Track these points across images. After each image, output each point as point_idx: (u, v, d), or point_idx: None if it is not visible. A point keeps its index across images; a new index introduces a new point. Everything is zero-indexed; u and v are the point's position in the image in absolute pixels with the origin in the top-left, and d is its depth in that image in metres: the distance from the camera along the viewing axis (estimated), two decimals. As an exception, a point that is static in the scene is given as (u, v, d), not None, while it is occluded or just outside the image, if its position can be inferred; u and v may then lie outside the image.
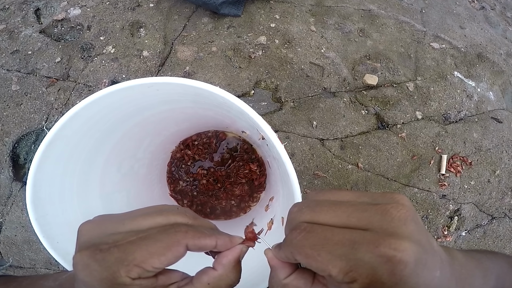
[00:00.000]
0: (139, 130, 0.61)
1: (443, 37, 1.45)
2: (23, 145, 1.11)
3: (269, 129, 0.42)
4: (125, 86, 0.40)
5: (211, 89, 0.41)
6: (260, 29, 1.29)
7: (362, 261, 0.20)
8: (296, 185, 0.40)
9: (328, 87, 1.22)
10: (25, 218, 1.07)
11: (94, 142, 0.52)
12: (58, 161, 0.47)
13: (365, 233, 0.21)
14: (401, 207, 0.21)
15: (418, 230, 0.21)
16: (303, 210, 0.24)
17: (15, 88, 1.14)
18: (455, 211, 1.18)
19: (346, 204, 0.23)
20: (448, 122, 1.27)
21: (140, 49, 1.21)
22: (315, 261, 0.21)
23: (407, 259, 0.19)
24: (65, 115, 0.41)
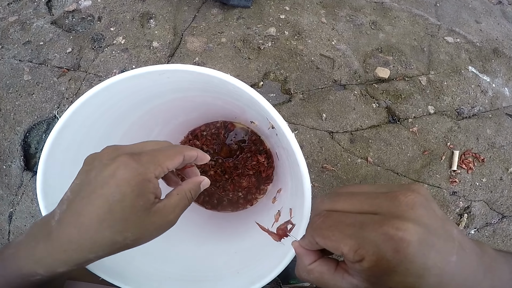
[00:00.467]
0: (148, 118, 0.61)
1: (458, 31, 1.41)
2: (34, 134, 1.13)
3: (280, 117, 0.41)
4: (136, 73, 0.40)
5: (221, 77, 0.41)
6: (269, 20, 1.28)
7: (368, 239, 0.21)
8: (306, 174, 0.40)
9: (339, 80, 1.21)
10: (35, 208, 1.09)
11: (104, 130, 0.52)
12: (68, 148, 0.47)
13: (374, 216, 0.23)
14: (410, 193, 0.22)
15: (428, 215, 0.22)
16: (324, 201, 0.27)
17: (27, 78, 1.15)
18: (465, 208, 1.16)
19: (362, 194, 0.25)
20: (461, 118, 1.24)
21: (150, 39, 1.21)
22: (330, 240, 0.24)
23: (409, 238, 0.20)
24: (77, 101, 0.41)
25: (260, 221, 0.72)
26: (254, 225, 0.73)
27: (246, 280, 0.49)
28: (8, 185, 1.09)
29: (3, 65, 1.17)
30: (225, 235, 0.73)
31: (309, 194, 0.40)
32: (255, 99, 0.41)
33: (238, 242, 0.67)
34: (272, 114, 0.41)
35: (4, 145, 1.10)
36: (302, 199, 0.42)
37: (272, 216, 0.64)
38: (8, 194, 1.09)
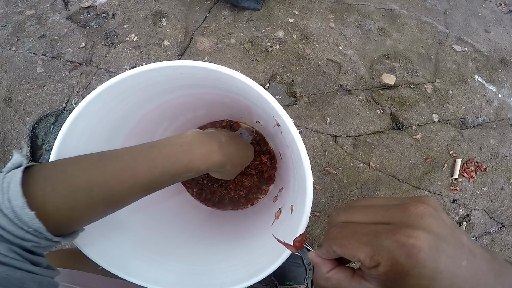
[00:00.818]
0: (158, 113, 0.63)
1: (466, 39, 1.42)
2: (43, 125, 1.15)
3: (286, 114, 0.43)
4: (152, 68, 0.42)
5: (232, 73, 0.43)
6: (278, 23, 1.30)
7: (383, 246, 0.23)
8: (308, 170, 0.42)
9: (344, 85, 1.22)
10: None
11: (115, 121, 0.54)
12: (81, 137, 0.49)
13: (387, 226, 0.25)
14: (419, 205, 0.25)
15: (438, 224, 0.24)
16: (340, 213, 0.30)
17: (40, 71, 1.18)
18: (464, 216, 1.16)
19: (376, 206, 0.28)
20: (465, 127, 1.25)
21: (162, 38, 1.24)
22: (347, 248, 0.26)
23: (420, 244, 0.22)
24: (93, 91, 0.43)
25: (260, 219, 0.74)
26: (253, 223, 0.74)
27: (245, 274, 0.50)
28: (13, 175, 1.11)
29: (18, 57, 1.20)
30: (225, 232, 0.75)
31: (311, 189, 0.42)
32: (262, 95, 0.43)
33: (237, 239, 0.68)
34: (278, 111, 0.43)
35: (12, 135, 1.13)
36: (304, 196, 0.43)
37: (272, 215, 0.66)
38: None
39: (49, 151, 1.13)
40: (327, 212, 1.09)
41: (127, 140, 0.62)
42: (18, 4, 1.31)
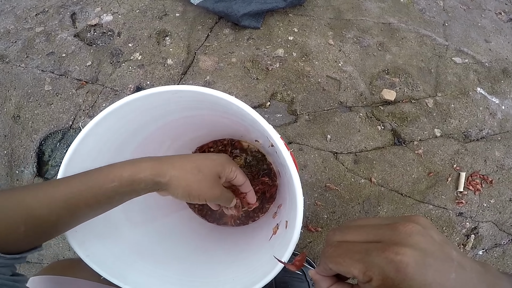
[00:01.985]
0: (161, 133, 0.68)
1: (466, 51, 1.44)
2: (49, 143, 1.20)
3: (276, 135, 0.48)
4: (153, 92, 0.47)
5: (227, 98, 0.48)
6: (278, 41, 1.35)
7: (374, 263, 0.27)
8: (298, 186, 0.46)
9: (345, 101, 1.26)
10: None
11: (120, 142, 0.59)
12: (87, 157, 0.54)
13: (377, 244, 0.28)
14: (408, 224, 0.28)
15: (426, 241, 0.27)
16: (336, 233, 0.34)
17: (48, 88, 1.25)
18: (472, 229, 1.18)
19: (369, 226, 0.31)
20: (469, 140, 1.27)
21: (165, 57, 1.30)
22: (341, 265, 0.29)
23: (407, 260, 0.25)
24: (101, 113, 0.48)
25: (260, 234, 0.77)
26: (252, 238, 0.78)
27: (240, 286, 0.54)
28: (19, 190, 1.16)
29: (26, 74, 1.26)
30: (226, 246, 0.78)
31: (301, 206, 0.46)
32: (255, 119, 0.48)
33: (237, 253, 0.72)
34: (270, 133, 0.48)
35: (19, 151, 1.18)
36: (295, 212, 0.47)
37: (270, 230, 0.69)
38: None
39: (55, 167, 1.18)
40: (329, 227, 1.11)
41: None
42: (28, 20, 1.39)
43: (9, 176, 1.17)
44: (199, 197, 0.48)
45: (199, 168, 0.48)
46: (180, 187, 0.46)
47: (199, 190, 0.47)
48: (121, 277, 0.52)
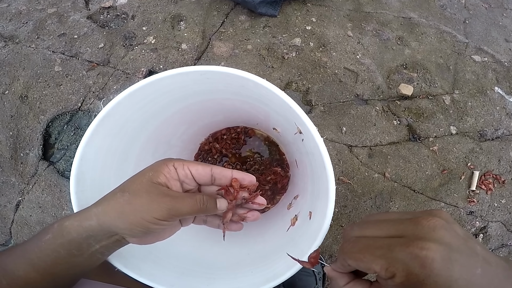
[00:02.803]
0: (178, 117, 0.65)
1: (486, 49, 1.41)
2: (56, 124, 1.18)
3: (309, 121, 0.45)
4: (181, 71, 0.44)
5: (258, 81, 0.45)
6: (295, 30, 1.32)
7: (397, 258, 0.25)
8: (331, 175, 0.43)
9: (361, 94, 1.23)
10: (45, 198, 1.11)
11: (139, 123, 0.56)
12: (106, 137, 0.51)
13: (400, 239, 0.27)
14: (431, 218, 0.27)
15: (450, 235, 0.26)
16: (354, 228, 0.32)
17: (58, 69, 1.22)
18: (481, 228, 1.16)
19: (389, 220, 0.30)
20: (484, 139, 1.24)
21: (179, 41, 1.26)
22: (362, 262, 0.28)
23: (432, 255, 0.24)
24: (123, 92, 0.45)
25: (274, 225, 0.75)
26: (266, 230, 0.75)
27: (261, 279, 0.51)
28: (22, 173, 1.13)
29: (36, 55, 1.23)
30: (237, 237, 0.76)
31: (333, 195, 0.43)
32: (287, 103, 0.45)
33: (251, 245, 0.69)
34: (303, 118, 0.45)
35: (25, 132, 1.15)
36: (325, 200, 0.45)
37: (286, 221, 0.67)
38: (20, 182, 1.12)
39: (61, 150, 1.15)
40: (340, 221, 1.09)
41: (147, 144, 0.64)
42: (40, 1, 1.36)
43: (13, 159, 1.14)
44: (144, 219, 0.34)
45: (123, 189, 0.36)
46: (115, 221, 0.35)
47: (135, 212, 0.34)
48: (137, 268, 0.49)
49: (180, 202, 0.35)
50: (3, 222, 1.13)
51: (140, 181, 0.36)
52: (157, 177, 0.36)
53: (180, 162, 0.38)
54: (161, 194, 0.35)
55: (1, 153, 1.14)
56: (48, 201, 1.12)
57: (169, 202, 0.35)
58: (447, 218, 0.27)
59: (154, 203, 0.35)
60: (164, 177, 0.36)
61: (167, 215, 0.35)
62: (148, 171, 0.37)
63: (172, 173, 0.37)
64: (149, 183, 0.35)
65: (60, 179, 1.12)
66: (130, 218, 0.35)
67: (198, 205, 0.37)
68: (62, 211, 1.11)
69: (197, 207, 0.37)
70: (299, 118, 0.45)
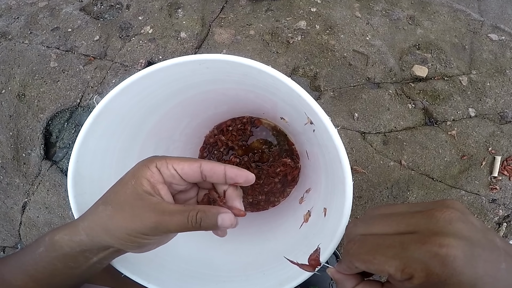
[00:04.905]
0: (180, 110, 0.62)
1: (503, 28, 1.35)
2: (57, 122, 1.16)
3: (322, 111, 0.42)
4: (178, 62, 0.41)
5: (262, 68, 0.41)
6: (299, 13, 1.27)
7: (413, 258, 0.23)
8: (348, 171, 0.40)
9: (372, 77, 1.19)
10: (50, 199, 1.12)
11: (138, 119, 0.53)
12: (102, 136, 0.48)
13: (413, 235, 0.24)
14: (445, 210, 0.24)
15: (468, 228, 0.23)
16: (358, 225, 0.29)
17: (53, 65, 1.20)
18: (504, 217, 1.12)
19: (397, 214, 0.27)
20: (505, 122, 1.20)
21: (178, 30, 1.23)
22: (372, 264, 0.25)
23: (454, 252, 0.21)
24: (116, 87, 0.42)
25: (285, 221, 0.72)
26: (277, 226, 0.73)
27: (274, 282, 0.49)
28: (26, 174, 1.13)
29: (31, 51, 1.21)
30: (248, 235, 0.74)
31: (350, 192, 0.40)
32: (296, 91, 0.41)
33: (262, 242, 0.67)
34: (314, 108, 0.41)
35: (25, 132, 1.14)
36: (342, 198, 0.42)
37: (299, 217, 0.64)
38: (25, 183, 1.12)
39: (63, 149, 1.14)
40: (355, 214, 1.06)
41: (147, 140, 0.61)
42: (30, -5, 1.33)
43: (16, 159, 1.13)
44: (131, 235, 0.31)
45: (106, 200, 0.33)
46: (103, 237, 0.32)
47: (119, 228, 0.31)
48: (144, 274, 0.47)
49: (167, 220, 0.31)
50: (12, 224, 1.14)
51: (123, 192, 0.32)
52: (140, 184, 0.32)
53: (163, 161, 0.33)
54: (146, 207, 0.31)
55: (3, 154, 1.14)
56: (54, 201, 1.12)
57: (154, 219, 0.31)
58: (461, 209, 0.25)
59: (137, 219, 0.31)
60: (148, 183, 0.32)
61: (153, 233, 0.31)
62: (130, 178, 0.33)
63: (156, 177, 0.33)
64: (133, 194, 0.32)
65: (64, 178, 1.12)
66: (116, 234, 0.31)
67: (189, 223, 0.31)
68: (68, 211, 1.11)
69: (189, 226, 0.31)
70: (309, 107, 0.41)
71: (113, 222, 0.31)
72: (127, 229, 0.31)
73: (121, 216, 0.31)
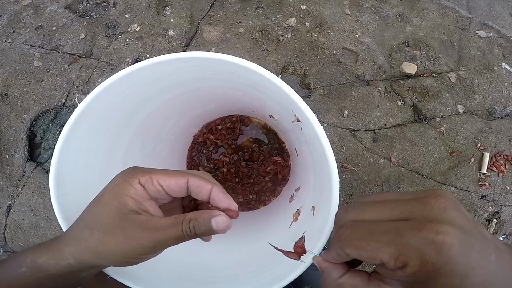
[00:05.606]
0: (166, 109, 0.61)
1: (491, 24, 1.38)
2: (41, 123, 1.14)
3: (308, 108, 0.41)
4: (162, 60, 0.40)
5: (249, 66, 0.41)
6: (289, 10, 1.27)
7: (409, 245, 0.22)
8: (334, 169, 0.40)
9: (362, 75, 1.20)
10: (35, 201, 1.10)
11: (122, 118, 0.52)
12: (85, 136, 0.48)
13: (408, 222, 0.23)
14: (439, 198, 0.23)
15: (461, 217, 0.23)
16: (348, 211, 0.28)
17: (37, 64, 1.17)
18: (494, 213, 1.14)
19: (390, 201, 0.26)
20: (493, 118, 1.21)
21: (166, 28, 1.22)
22: (365, 250, 0.24)
23: (450, 240, 0.21)
24: (98, 86, 0.41)
25: (276, 220, 0.72)
26: (268, 225, 0.73)
27: (264, 281, 0.49)
28: (10, 176, 1.10)
29: (14, 50, 1.19)
30: (238, 234, 0.73)
31: (337, 190, 0.40)
32: (283, 89, 0.41)
33: (252, 242, 0.67)
34: (300, 106, 0.41)
35: (9, 133, 1.12)
36: (329, 196, 0.41)
37: (288, 215, 0.64)
38: (9, 186, 1.10)
39: (48, 150, 1.12)
40: (345, 211, 1.07)
41: (133, 140, 0.60)
42: (13, -7, 1.30)
43: (-1, 161, 1.11)
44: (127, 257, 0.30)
45: (89, 224, 0.31)
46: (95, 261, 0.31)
47: (114, 252, 0.30)
48: (130, 275, 0.47)
49: (162, 236, 0.29)
50: (-4, 227, 1.11)
51: (107, 214, 0.30)
52: (125, 204, 0.30)
53: (148, 177, 0.31)
54: (137, 227, 0.30)
55: (-15, 156, 1.11)
56: (40, 203, 1.10)
57: (149, 238, 0.29)
58: (454, 199, 0.24)
59: (132, 242, 0.29)
60: (133, 202, 0.30)
61: (152, 251, 0.30)
62: (111, 199, 0.30)
63: (141, 194, 0.31)
64: (118, 215, 0.30)
65: (49, 180, 1.09)
66: (110, 258, 0.30)
67: (184, 234, 0.30)
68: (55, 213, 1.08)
69: (185, 237, 0.30)
70: (295, 104, 0.41)
71: (106, 248, 0.30)
72: (123, 253, 0.30)
73: (113, 241, 0.30)
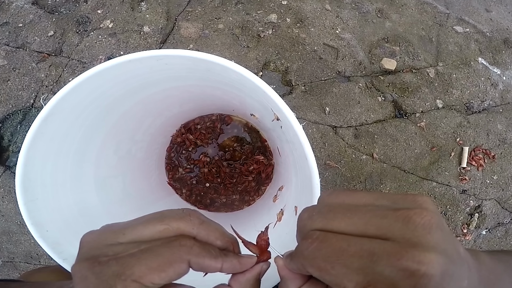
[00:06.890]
0: (140, 108, 0.60)
1: (468, 20, 1.41)
2: (8, 125, 1.10)
3: (287, 107, 0.41)
4: (132, 58, 0.39)
5: (224, 63, 0.40)
6: (270, 6, 1.26)
7: (382, 276, 0.19)
8: (314, 168, 0.40)
9: (343, 71, 1.21)
10: (6, 206, 1.07)
11: (93, 119, 0.51)
12: (53, 139, 0.46)
13: (385, 244, 0.20)
14: (425, 213, 0.20)
15: (444, 238, 0.20)
16: (314, 217, 0.23)
17: (2, 63, 1.13)
18: (475, 207, 1.17)
19: (363, 209, 0.22)
20: (471, 112, 1.25)
21: (141, 24, 1.19)
22: (329, 274, 0.21)
23: (433, 272, 0.18)
24: (65, 86, 0.39)
25: (260, 221, 0.72)
26: (253, 226, 0.72)
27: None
28: (-23, 181, 1.06)
29: (-23, 48, 1.13)
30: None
31: (317, 190, 0.40)
32: (260, 87, 0.41)
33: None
34: (279, 104, 0.41)
35: (-26, 136, 1.07)
36: (310, 196, 0.41)
37: (272, 215, 0.63)
38: None
39: (17, 153, 1.08)
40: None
41: (107, 141, 0.58)
42: (-25, -12, 1.24)
43: (-36, 165, 1.06)
44: None
45: None
46: None
47: None
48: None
49: None
50: (-34, 236, 1.07)
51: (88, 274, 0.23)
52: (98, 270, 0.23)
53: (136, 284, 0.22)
54: None
55: (-51, 161, 1.06)
56: (11, 208, 1.07)
57: None
58: (435, 210, 0.21)
59: None
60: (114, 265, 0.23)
61: None
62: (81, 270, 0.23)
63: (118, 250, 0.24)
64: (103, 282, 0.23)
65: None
66: None
67: None
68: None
69: None
70: (274, 103, 0.40)
71: None
72: None
73: None
